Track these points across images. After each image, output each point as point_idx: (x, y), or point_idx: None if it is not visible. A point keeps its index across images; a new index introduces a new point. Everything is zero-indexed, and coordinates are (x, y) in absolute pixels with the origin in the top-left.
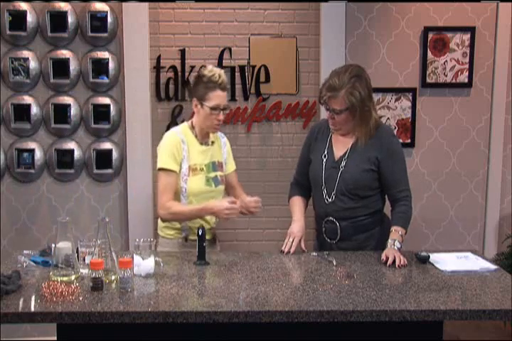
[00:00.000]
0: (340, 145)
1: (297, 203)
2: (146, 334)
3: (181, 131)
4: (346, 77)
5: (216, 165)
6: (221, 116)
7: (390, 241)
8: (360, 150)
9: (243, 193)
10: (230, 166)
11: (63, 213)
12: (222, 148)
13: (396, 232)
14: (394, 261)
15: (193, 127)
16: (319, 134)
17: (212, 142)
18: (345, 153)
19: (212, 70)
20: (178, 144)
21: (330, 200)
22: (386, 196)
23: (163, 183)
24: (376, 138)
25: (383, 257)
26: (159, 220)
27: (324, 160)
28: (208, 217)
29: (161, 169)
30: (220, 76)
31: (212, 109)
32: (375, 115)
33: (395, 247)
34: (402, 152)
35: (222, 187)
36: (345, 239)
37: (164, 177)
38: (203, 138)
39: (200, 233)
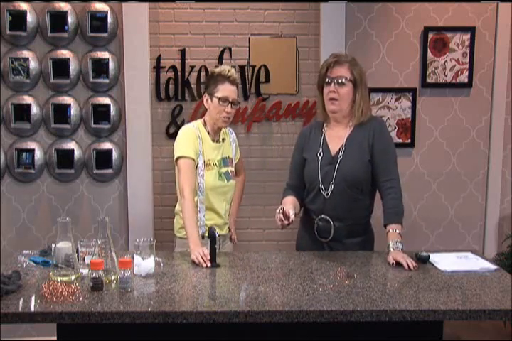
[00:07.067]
0: (335, 141)
1: (288, 200)
2: (146, 334)
3: (196, 127)
4: (347, 55)
5: (227, 161)
6: (229, 109)
7: (391, 243)
8: (356, 141)
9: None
10: (237, 156)
11: (63, 213)
12: (231, 144)
13: (394, 232)
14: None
15: (205, 124)
16: (312, 134)
17: (223, 139)
18: (341, 146)
19: (222, 67)
20: (196, 138)
21: (328, 194)
22: (376, 191)
23: (184, 171)
24: (369, 127)
25: (392, 261)
26: (175, 221)
27: (320, 157)
28: (220, 211)
29: (180, 157)
30: (229, 71)
31: (221, 100)
32: (368, 102)
33: (399, 249)
34: (393, 145)
35: (233, 182)
36: (336, 240)
37: (184, 165)
38: (215, 135)
39: (212, 235)
